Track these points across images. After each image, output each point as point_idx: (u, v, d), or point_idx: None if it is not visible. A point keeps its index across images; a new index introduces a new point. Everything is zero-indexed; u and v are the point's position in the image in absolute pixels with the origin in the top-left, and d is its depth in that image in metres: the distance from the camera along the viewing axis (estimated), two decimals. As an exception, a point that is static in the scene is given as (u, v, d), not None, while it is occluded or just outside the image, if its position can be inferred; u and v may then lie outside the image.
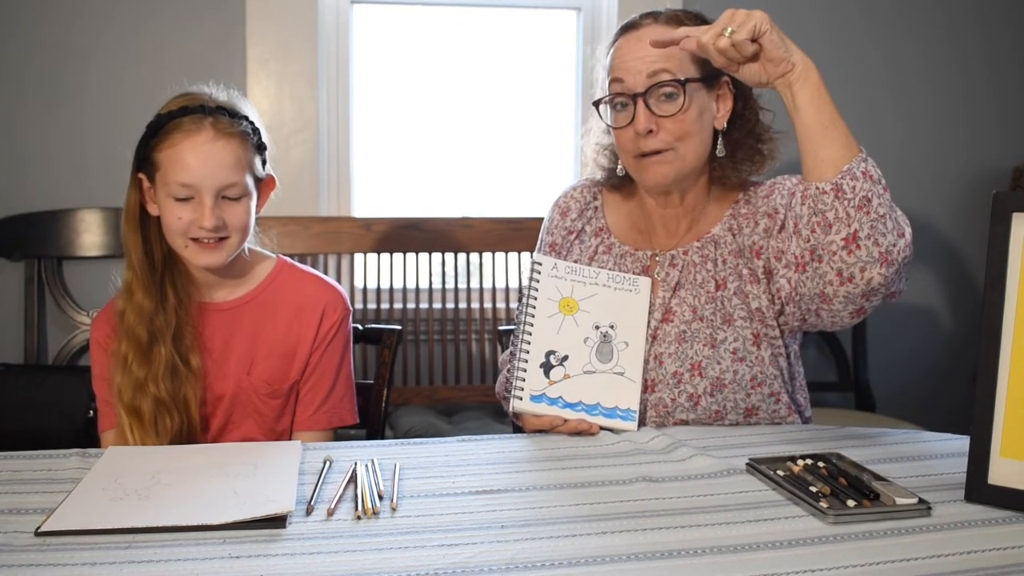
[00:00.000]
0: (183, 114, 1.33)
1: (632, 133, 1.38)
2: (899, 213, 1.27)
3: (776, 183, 1.46)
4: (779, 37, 1.25)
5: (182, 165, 1.31)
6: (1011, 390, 1.05)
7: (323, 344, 1.46)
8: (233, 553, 0.91)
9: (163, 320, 1.37)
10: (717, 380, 1.40)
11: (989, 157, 2.93)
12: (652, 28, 1.39)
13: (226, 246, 1.36)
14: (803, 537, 0.96)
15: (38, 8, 2.45)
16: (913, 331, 2.95)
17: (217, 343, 1.43)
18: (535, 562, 0.90)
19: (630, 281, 1.41)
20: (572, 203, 1.57)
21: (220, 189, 1.33)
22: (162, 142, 1.33)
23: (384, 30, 2.75)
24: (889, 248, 1.24)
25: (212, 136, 1.32)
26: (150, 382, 1.35)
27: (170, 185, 1.33)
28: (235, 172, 1.34)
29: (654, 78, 1.35)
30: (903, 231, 1.25)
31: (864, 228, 1.23)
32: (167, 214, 1.35)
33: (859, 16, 2.83)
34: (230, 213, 1.35)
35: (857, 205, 1.23)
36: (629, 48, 1.39)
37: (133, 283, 1.38)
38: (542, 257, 1.43)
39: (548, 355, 1.35)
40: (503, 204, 2.82)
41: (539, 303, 1.38)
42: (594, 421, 1.33)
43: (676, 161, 1.38)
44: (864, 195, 1.23)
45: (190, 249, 1.35)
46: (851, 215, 1.23)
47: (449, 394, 2.64)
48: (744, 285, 1.41)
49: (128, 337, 1.36)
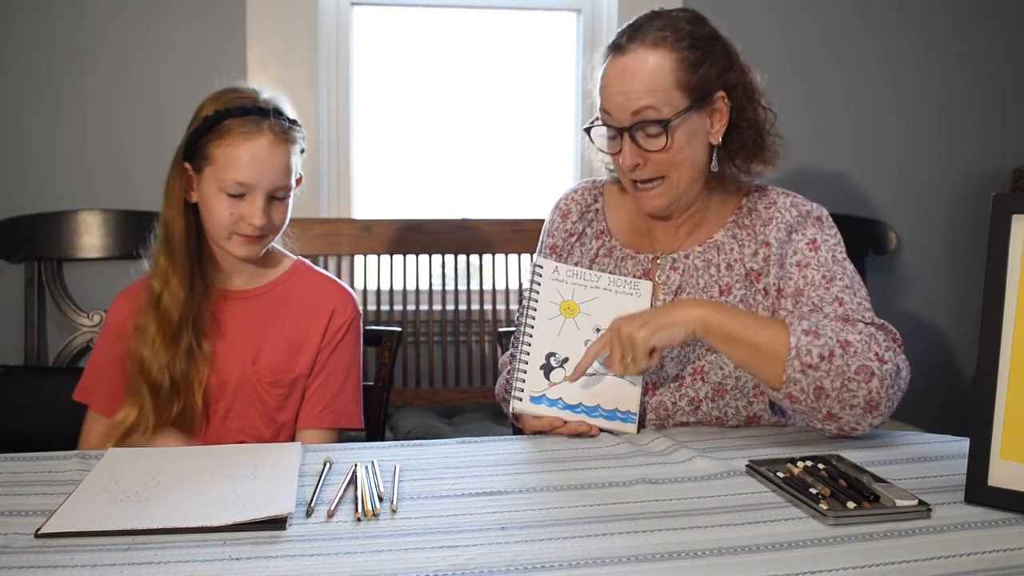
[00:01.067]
0: (241, 113, 1.37)
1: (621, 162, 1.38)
2: (857, 357, 1.23)
3: (776, 205, 1.43)
4: (656, 328, 1.25)
5: (240, 165, 1.36)
6: (1011, 392, 1.05)
7: (331, 343, 1.49)
8: (233, 555, 0.91)
9: (191, 306, 1.41)
10: (719, 385, 1.39)
11: (989, 158, 2.93)
12: (637, 54, 1.34)
13: (264, 241, 1.44)
14: (803, 539, 0.96)
15: (38, 10, 2.46)
16: (913, 332, 2.95)
17: (228, 329, 1.47)
18: (535, 564, 0.90)
19: (631, 285, 1.41)
20: (573, 205, 1.57)
21: (272, 191, 1.40)
22: (220, 139, 1.37)
23: (384, 32, 2.76)
24: (866, 399, 1.24)
25: (271, 140, 1.38)
26: (172, 363, 1.39)
27: (224, 181, 1.37)
28: (286, 175, 1.41)
29: (638, 116, 1.34)
30: (871, 373, 1.23)
31: (834, 406, 1.24)
32: (216, 208, 1.39)
33: (859, 17, 2.83)
34: (275, 212, 1.42)
35: (814, 397, 1.24)
36: (614, 78, 1.35)
37: (169, 269, 1.41)
38: (544, 260, 1.43)
39: (548, 357, 1.35)
40: (503, 206, 2.82)
41: (540, 305, 1.38)
42: (594, 423, 1.33)
43: (669, 191, 1.39)
44: (815, 386, 1.23)
45: (233, 241, 1.41)
46: (815, 407, 1.25)
47: (449, 396, 2.64)
48: (750, 296, 1.41)
49: (159, 319, 1.40)
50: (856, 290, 1.35)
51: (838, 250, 1.40)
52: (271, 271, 1.52)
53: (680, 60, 1.34)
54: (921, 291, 2.95)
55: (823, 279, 1.35)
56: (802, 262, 1.38)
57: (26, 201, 2.47)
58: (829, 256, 1.38)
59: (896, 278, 2.94)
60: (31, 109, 2.48)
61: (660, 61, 1.33)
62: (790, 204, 1.43)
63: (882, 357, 1.24)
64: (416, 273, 2.66)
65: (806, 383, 1.23)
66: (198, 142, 1.39)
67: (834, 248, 1.40)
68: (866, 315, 1.32)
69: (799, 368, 1.23)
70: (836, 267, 1.37)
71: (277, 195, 1.41)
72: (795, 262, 1.39)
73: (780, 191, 1.47)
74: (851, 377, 1.23)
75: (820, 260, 1.38)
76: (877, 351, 1.25)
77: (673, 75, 1.33)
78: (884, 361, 1.24)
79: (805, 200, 1.46)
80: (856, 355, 1.23)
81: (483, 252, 2.68)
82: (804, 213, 1.43)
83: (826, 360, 1.23)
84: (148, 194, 2.48)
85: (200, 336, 1.42)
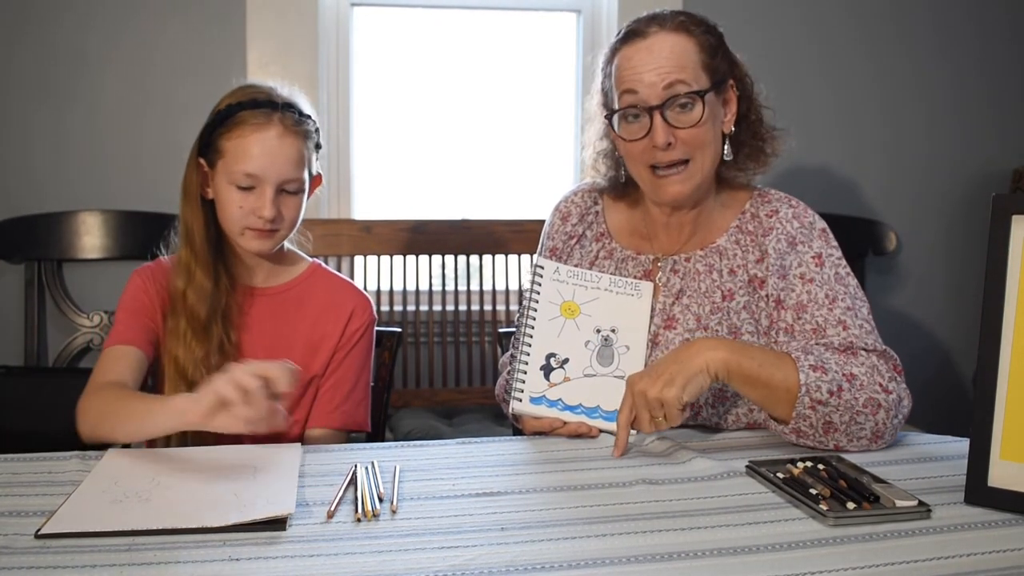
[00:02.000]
0: (253, 106, 1.38)
1: (645, 145, 1.36)
2: (864, 391, 1.24)
3: (778, 215, 1.42)
4: (693, 386, 1.21)
5: (249, 156, 1.37)
6: (1011, 393, 1.05)
7: (347, 345, 1.49)
8: (233, 555, 0.91)
9: (219, 301, 1.42)
10: (719, 392, 1.39)
11: (989, 159, 2.93)
12: (660, 36, 1.35)
13: (277, 236, 1.43)
14: (803, 539, 0.96)
15: (38, 12, 2.46)
16: (912, 333, 2.95)
17: (253, 324, 1.48)
18: (535, 564, 0.90)
19: (632, 286, 1.41)
20: (573, 208, 1.55)
21: (282, 183, 1.39)
22: (230, 131, 1.38)
23: (384, 32, 2.76)
24: (873, 430, 1.24)
25: (280, 132, 1.38)
26: (208, 358, 1.40)
27: (234, 173, 1.38)
28: (297, 168, 1.40)
29: (671, 90, 1.33)
30: (877, 405, 1.24)
31: (841, 439, 1.25)
32: (228, 201, 1.40)
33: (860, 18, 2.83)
34: (286, 206, 1.41)
35: (822, 432, 1.24)
36: (641, 59, 1.35)
37: (192, 264, 1.42)
38: (544, 261, 1.43)
39: (548, 358, 1.35)
40: (503, 206, 2.82)
41: (540, 306, 1.38)
42: (594, 424, 1.32)
43: (694, 175, 1.37)
44: (824, 421, 1.23)
45: (245, 236, 1.41)
46: (823, 440, 1.25)
47: (449, 396, 2.64)
48: (753, 302, 1.40)
49: (187, 314, 1.41)
50: (858, 311, 1.35)
51: (841, 265, 1.39)
52: (289, 270, 1.53)
53: (701, 43, 1.36)
54: (921, 291, 2.95)
55: (826, 298, 1.34)
56: (806, 275, 1.37)
57: (26, 201, 2.47)
58: (832, 273, 1.37)
59: (896, 278, 2.94)
60: (31, 110, 2.48)
61: (685, 42, 1.35)
62: (792, 215, 1.42)
63: (886, 388, 1.25)
64: (416, 274, 2.66)
65: (815, 419, 1.23)
66: (211, 136, 1.40)
67: (837, 264, 1.39)
68: (868, 340, 1.32)
69: (809, 405, 1.23)
70: (839, 285, 1.36)
71: (288, 188, 1.40)
72: (799, 274, 1.38)
73: (782, 197, 1.46)
74: (859, 411, 1.23)
75: (824, 277, 1.36)
76: (881, 382, 1.25)
77: (697, 55, 1.35)
78: (888, 392, 1.25)
79: (807, 209, 1.45)
80: (863, 388, 1.24)
81: (483, 252, 2.68)
82: (807, 224, 1.41)
83: (835, 395, 1.23)
84: (149, 195, 2.48)
85: (229, 329, 1.44)
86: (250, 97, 1.40)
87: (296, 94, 1.46)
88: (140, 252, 1.51)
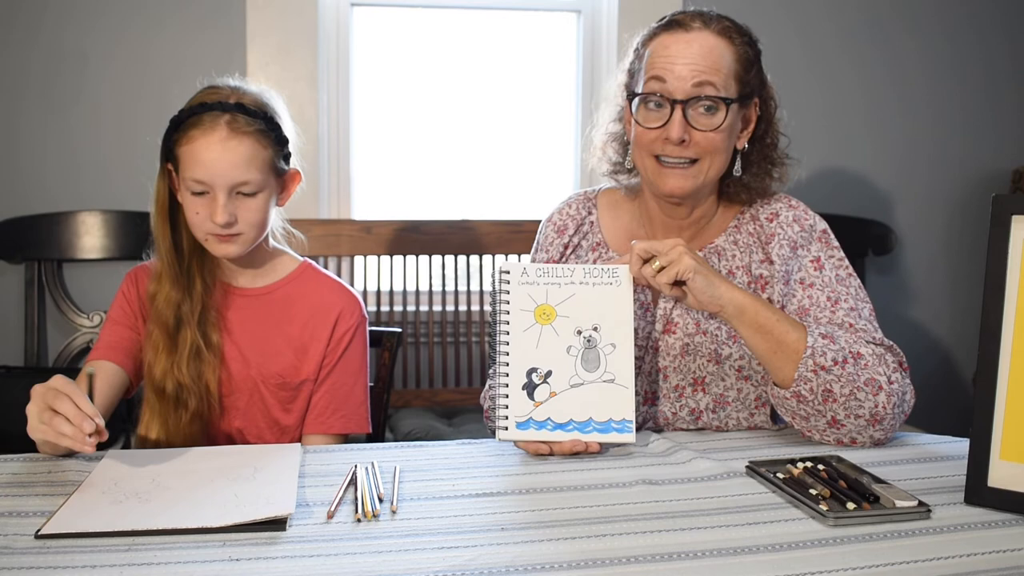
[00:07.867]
0: (202, 110, 1.36)
1: (658, 135, 1.35)
2: (868, 370, 1.24)
3: (779, 220, 1.42)
4: (705, 282, 1.23)
5: (197, 162, 1.34)
6: (1011, 393, 1.05)
7: (338, 348, 1.47)
8: (233, 556, 0.91)
9: (189, 307, 1.41)
10: (720, 397, 1.39)
11: (989, 159, 2.93)
12: (704, 34, 1.34)
13: (240, 240, 1.39)
14: (803, 540, 0.96)
15: (38, 11, 2.46)
16: (912, 333, 2.95)
17: (236, 326, 1.47)
18: (535, 565, 0.90)
19: (609, 273, 1.29)
20: (568, 220, 1.52)
21: (233, 187, 1.35)
22: (182, 137, 1.36)
23: (384, 32, 2.76)
24: (872, 411, 1.24)
25: (226, 135, 1.34)
26: (175, 367, 1.40)
27: (187, 180, 1.36)
28: (248, 170, 1.35)
29: (699, 89, 1.32)
30: (879, 387, 1.24)
31: (839, 412, 1.25)
32: (188, 208, 1.38)
33: (860, 19, 2.83)
34: (244, 209, 1.37)
35: (821, 400, 1.24)
36: (678, 50, 1.34)
37: (162, 272, 1.42)
38: (509, 264, 1.34)
39: (530, 374, 1.25)
40: (503, 207, 2.82)
41: (512, 316, 1.27)
42: (588, 439, 1.24)
43: (698, 176, 1.36)
44: (824, 388, 1.24)
45: (209, 241, 1.39)
46: (820, 410, 1.25)
47: (449, 397, 2.64)
48: None
49: (157, 321, 1.41)
50: (861, 311, 1.35)
51: (842, 267, 1.39)
52: (276, 272, 1.50)
53: (739, 55, 1.36)
54: (921, 291, 2.95)
55: (828, 300, 1.35)
56: (806, 280, 1.37)
57: (26, 202, 2.47)
58: (833, 275, 1.37)
59: (896, 278, 2.94)
60: (32, 110, 2.48)
61: (725, 48, 1.35)
62: (792, 219, 1.42)
63: (890, 378, 1.25)
64: (416, 274, 2.66)
65: (816, 384, 1.23)
66: (169, 142, 1.38)
67: (838, 266, 1.39)
68: (875, 336, 1.32)
69: (812, 367, 1.23)
70: (840, 287, 1.36)
71: (244, 191, 1.35)
72: (799, 279, 1.38)
73: (781, 197, 1.46)
74: (860, 387, 1.23)
75: (825, 280, 1.37)
76: (885, 371, 1.26)
77: (733, 65, 1.35)
78: (892, 382, 1.25)
79: (807, 211, 1.44)
80: (867, 368, 1.24)
81: (483, 253, 2.68)
82: (807, 228, 1.41)
83: (839, 365, 1.23)
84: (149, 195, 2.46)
85: (207, 332, 1.42)
86: (199, 101, 1.37)
87: (262, 91, 1.42)
88: (140, 252, 1.51)
